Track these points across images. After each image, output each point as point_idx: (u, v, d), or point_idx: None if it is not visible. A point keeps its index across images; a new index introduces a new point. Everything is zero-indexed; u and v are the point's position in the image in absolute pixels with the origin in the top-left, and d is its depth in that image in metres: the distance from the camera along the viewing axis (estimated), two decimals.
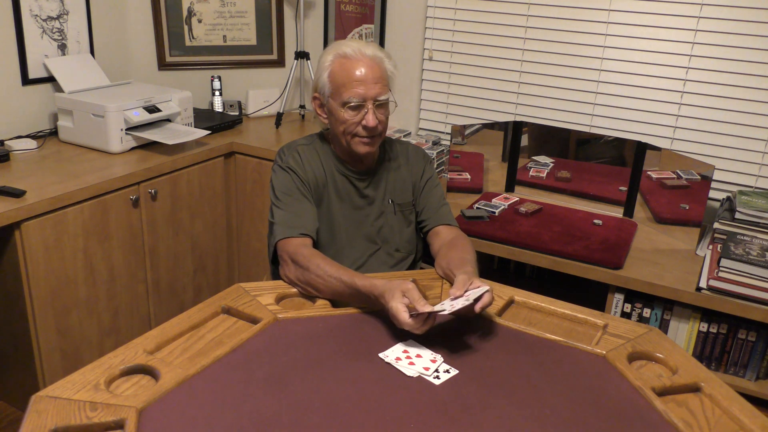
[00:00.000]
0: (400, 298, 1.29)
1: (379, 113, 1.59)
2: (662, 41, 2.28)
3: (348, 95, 1.56)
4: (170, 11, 2.84)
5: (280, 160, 1.67)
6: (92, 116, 2.29)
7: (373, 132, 1.60)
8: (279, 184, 1.64)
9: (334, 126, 1.63)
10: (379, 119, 1.59)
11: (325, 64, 1.60)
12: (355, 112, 1.57)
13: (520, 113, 2.60)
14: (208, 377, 1.17)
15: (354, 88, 1.55)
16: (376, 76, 1.57)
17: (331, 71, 1.58)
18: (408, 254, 1.77)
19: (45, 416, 1.04)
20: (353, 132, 1.60)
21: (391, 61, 1.63)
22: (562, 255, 1.99)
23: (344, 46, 1.59)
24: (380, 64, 1.59)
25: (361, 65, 1.56)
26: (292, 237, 1.54)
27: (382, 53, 1.61)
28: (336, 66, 1.58)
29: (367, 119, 1.57)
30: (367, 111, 1.57)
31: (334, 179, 1.69)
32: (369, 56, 1.57)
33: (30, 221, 1.91)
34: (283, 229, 1.56)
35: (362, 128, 1.58)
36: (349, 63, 1.57)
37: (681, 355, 1.32)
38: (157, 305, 2.42)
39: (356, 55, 1.57)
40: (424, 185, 1.77)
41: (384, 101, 1.59)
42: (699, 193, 2.10)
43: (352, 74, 1.55)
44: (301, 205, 1.61)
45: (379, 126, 1.60)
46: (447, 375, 1.21)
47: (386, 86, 1.60)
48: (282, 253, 1.54)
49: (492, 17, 2.56)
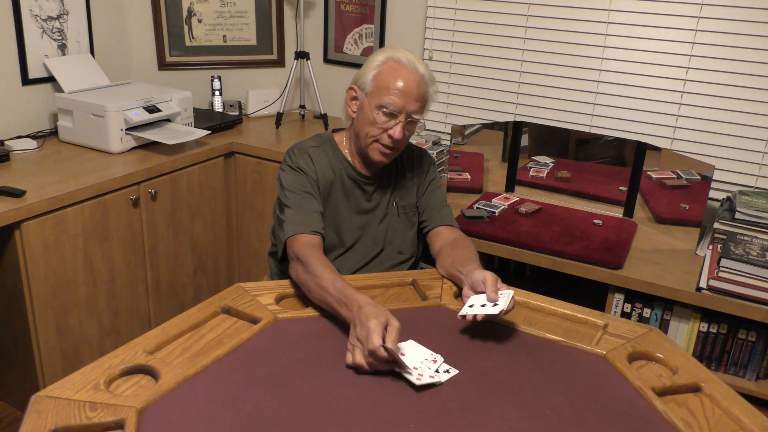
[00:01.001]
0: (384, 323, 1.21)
1: (407, 129, 1.60)
2: (662, 41, 2.28)
3: (387, 100, 1.56)
4: (170, 11, 2.84)
5: (290, 160, 1.66)
6: (92, 116, 2.29)
7: (396, 144, 1.61)
8: (289, 183, 1.63)
9: (359, 124, 1.63)
10: (405, 135, 1.60)
11: (375, 63, 1.60)
12: (387, 118, 1.58)
13: (520, 113, 2.60)
14: (208, 377, 1.17)
15: (396, 96, 1.55)
16: (419, 94, 1.58)
17: (380, 72, 1.58)
18: (410, 256, 1.78)
19: (45, 416, 1.04)
20: (377, 137, 1.60)
21: (435, 86, 1.64)
22: (562, 255, 1.99)
23: (400, 53, 1.59)
24: (427, 85, 1.60)
25: (411, 78, 1.57)
26: (301, 234, 1.54)
27: (430, 76, 1.61)
28: (386, 68, 1.58)
29: (395, 130, 1.57)
30: (398, 122, 1.57)
31: (343, 182, 1.69)
32: (420, 73, 1.58)
33: (30, 221, 1.91)
34: (293, 226, 1.55)
35: (387, 137, 1.59)
36: (400, 70, 1.57)
37: (681, 355, 1.32)
38: (157, 305, 2.42)
39: (409, 66, 1.57)
40: (427, 186, 1.78)
41: (415, 120, 1.61)
42: (699, 193, 2.10)
43: (398, 83, 1.56)
44: (310, 203, 1.60)
45: (402, 141, 1.61)
46: (447, 375, 1.21)
47: (424, 107, 1.61)
48: (289, 250, 1.53)
49: (492, 17, 2.56)
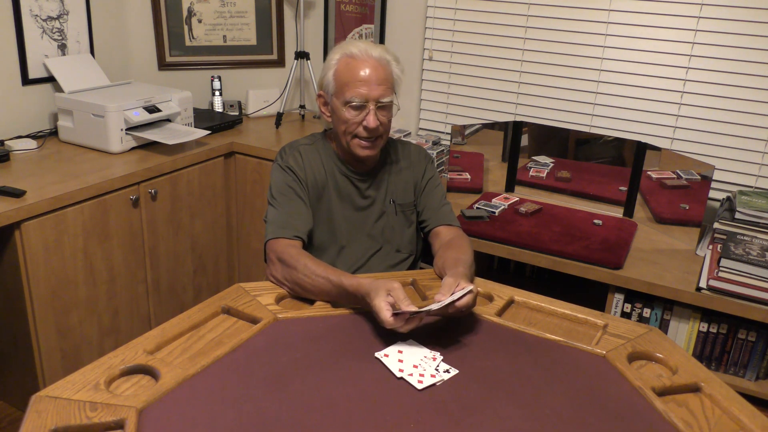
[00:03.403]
0: (384, 296, 1.28)
1: (381, 115, 1.59)
2: (662, 41, 2.28)
3: (350, 94, 1.56)
4: (170, 11, 2.84)
5: (280, 159, 1.67)
6: (92, 116, 2.29)
7: (374, 133, 1.60)
8: (276, 184, 1.64)
9: (336, 125, 1.64)
10: (381, 121, 1.59)
11: (332, 63, 1.60)
12: (356, 112, 1.57)
13: (520, 113, 2.60)
14: (208, 377, 1.17)
15: (357, 87, 1.55)
16: (380, 78, 1.57)
17: (337, 70, 1.59)
18: (409, 254, 1.77)
19: (45, 416, 1.04)
20: (354, 132, 1.60)
21: (399, 65, 1.63)
22: (562, 255, 1.99)
23: (352, 46, 1.59)
24: (386, 66, 1.59)
25: (367, 66, 1.56)
26: (282, 238, 1.55)
27: (389, 55, 1.61)
28: (341, 65, 1.58)
29: (368, 120, 1.57)
30: (368, 112, 1.57)
31: (336, 180, 1.69)
32: (375, 57, 1.57)
33: (30, 221, 1.91)
34: (274, 228, 1.57)
35: (363, 129, 1.58)
36: (354, 63, 1.57)
37: (681, 355, 1.32)
38: (157, 305, 2.42)
39: (362, 55, 1.57)
40: (425, 185, 1.77)
41: (387, 103, 1.59)
42: (699, 193, 2.10)
43: (357, 74, 1.56)
44: (295, 206, 1.61)
45: (380, 128, 1.60)
46: (447, 375, 1.21)
47: (390, 89, 1.60)
48: (270, 252, 1.54)
49: (492, 17, 2.56)
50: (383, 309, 1.27)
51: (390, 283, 1.31)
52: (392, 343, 1.29)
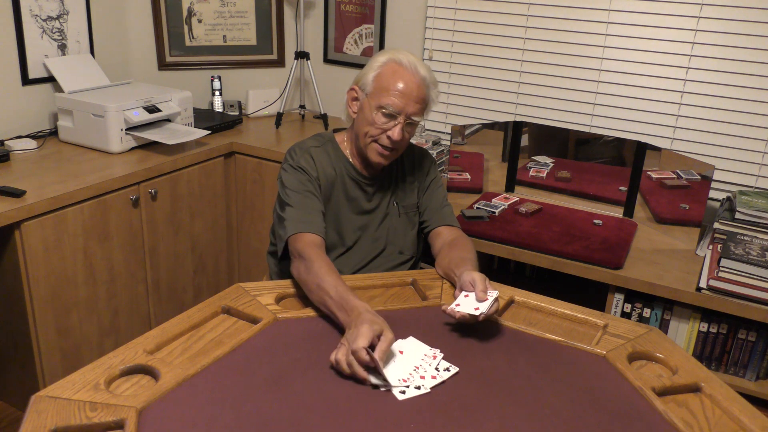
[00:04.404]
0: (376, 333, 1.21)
1: (406, 131, 1.60)
2: (662, 41, 2.28)
3: (387, 101, 1.56)
4: (170, 11, 2.84)
5: (291, 159, 1.66)
6: (92, 116, 2.29)
7: (395, 146, 1.60)
8: (290, 182, 1.62)
9: (359, 124, 1.63)
10: (404, 137, 1.60)
11: (377, 63, 1.60)
12: (386, 119, 1.58)
13: (520, 113, 2.60)
14: (208, 377, 1.17)
15: (395, 97, 1.55)
16: (419, 96, 1.58)
17: (381, 72, 1.58)
18: (411, 256, 1.78)
19: (45, 416, 1.04)
20: (376, 138, 1.60)
21: (436, 90, 1.63)
22: (562, 255, 1.99)
23: (401, 55, 1.59)
24: (427, 88, 1.60)
25: (411, 79, 1.56)
26: (303, 232, 1.53)
27: (431, 79, 1.61)
28: (387, 69, 1.58)
29: (394, 131, 1.57)
30: (397, 124, 1.57)
31: (344, 182, 1.69)
32: (421, 75, 1.58)
33: (30, 221, 1.91)
34: (295, 224, 1.55)
35: (386, 138, 1.59)
36: (401, 72, 1.57)
37: (681, 355, 1.32)
38: (157, 305, 2.42)
39: (410, 68, 1.57)
40: (428, 186, 1.78)
41: (415, 122, 1.60)
42: (699, 193, 2.10)
43: (398, 84, 1.56)
44: (312, 203, 1.60)
45: (401, 142, 1.61)
46: (447, 373, 1.21)
47: (423, 110, 1.61)
48: (291, 248, 1.53)
49: (492, 17, 2.56)
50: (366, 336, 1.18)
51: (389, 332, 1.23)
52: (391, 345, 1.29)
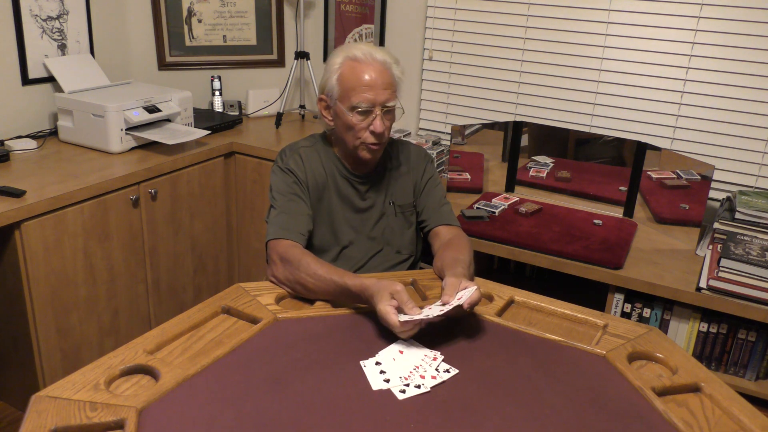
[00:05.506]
0: (389, 299, 1.28)
1: (386, 119, 1.59)
2: (662, 41, 2.28)
3: (357, 100, 1.55)
4: (170, 11, 2.84)
5: (280, 161, 1.66)
6: (92, 116, 2.29)
7: (381, 138, 1.60)
8: (277, 185, 1.64)
9: (339, 129, 1.63)
10: (386, 125, 1.59)
11: (334, 67, 1.58)
12: (363, 117, 1.57)
13: (520, 113, 2.60)
14: (208, 377, 1.17)
15: (363, 92, 1.54)
16: (385, 82, 1.56)
17: (341, 74, 1.57)
18: (409, 255, 1.77)
19: (45, 416, 1.04)
20: (361, 137, 1.59)
21: (399, 66, 1.62)
22: (562, 255, 1.99)
23: (354, 49, 1.57)
24: (389, 69, 1.58)
25: (371, 70, 1.55)
26: (283, 238, 1.54)
27: (391, 58, 1.60)
28: (346, 69, 1.56)
29: (375, 125, 1.56)
30: (375, 116, 1.56)
31: (336, 181, 1.68)
32: (379, 61, 1.56)
33: (30, 221, 1.91)
34: (276, 229, 1.56)
35: (370, 134, 1.58)
36: (359, 67, 1.55)
37: (681, 355, 1.32)
38: (157, 305, 2.42)
39: (366, 59, 1.55)
40: (424, 185, 1.77)
41: (391, 107, 1.59)
42: (699, 193, 2.10)
43: (362, 78, 1.54)
44: (296, 207, 1.60)
45: (385, 132, 1.60)
46: (447, 375, 1.21)
47: (395, 92, 1.59)
48: (271, 252, 1.54)
49: (492, 17, 2.56)
50: (390, 313, 1.26)
51: (393, 285, 1.30)
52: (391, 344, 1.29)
